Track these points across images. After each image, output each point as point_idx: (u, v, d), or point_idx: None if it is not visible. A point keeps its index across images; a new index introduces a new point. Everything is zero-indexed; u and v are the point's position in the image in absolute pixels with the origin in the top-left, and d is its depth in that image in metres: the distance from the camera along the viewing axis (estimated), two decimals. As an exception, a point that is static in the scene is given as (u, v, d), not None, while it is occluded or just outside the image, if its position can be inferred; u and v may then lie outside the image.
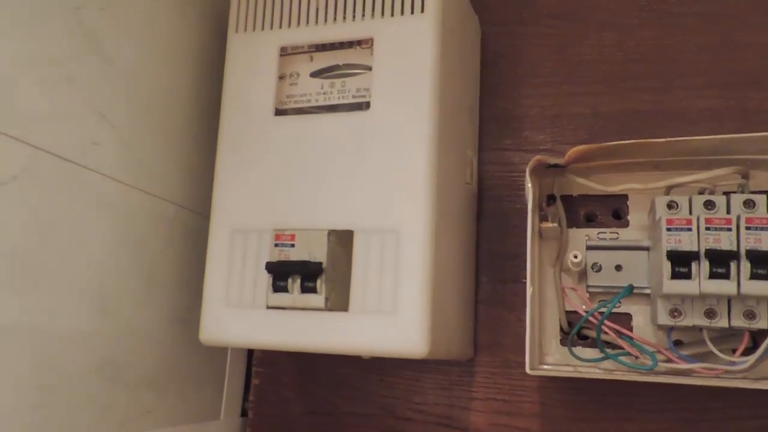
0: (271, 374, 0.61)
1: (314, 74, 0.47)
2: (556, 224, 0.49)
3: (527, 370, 0.45)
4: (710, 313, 0.43)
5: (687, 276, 0.42)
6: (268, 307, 0.44)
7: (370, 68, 0.45)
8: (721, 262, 0.41)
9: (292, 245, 0.43)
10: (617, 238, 0.51)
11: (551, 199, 0.50)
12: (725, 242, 0.41)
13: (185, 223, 0.52)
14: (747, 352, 0.44)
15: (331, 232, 0.43)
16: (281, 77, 0.48)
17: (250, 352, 0.63)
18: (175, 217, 0.51)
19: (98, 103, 0.43)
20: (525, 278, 0.54)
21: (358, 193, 0.44)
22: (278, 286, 0.43)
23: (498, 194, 0.57)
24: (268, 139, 0.46)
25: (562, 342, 0.51)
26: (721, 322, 0.43)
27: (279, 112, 0.47)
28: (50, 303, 0.40)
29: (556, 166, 0.49)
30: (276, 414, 0.60)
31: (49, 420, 0.40)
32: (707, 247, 0.41)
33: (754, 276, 0.41)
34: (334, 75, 0.47)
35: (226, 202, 0.46)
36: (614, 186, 0.49)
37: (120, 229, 0.46)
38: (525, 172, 0.47)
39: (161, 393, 0.50)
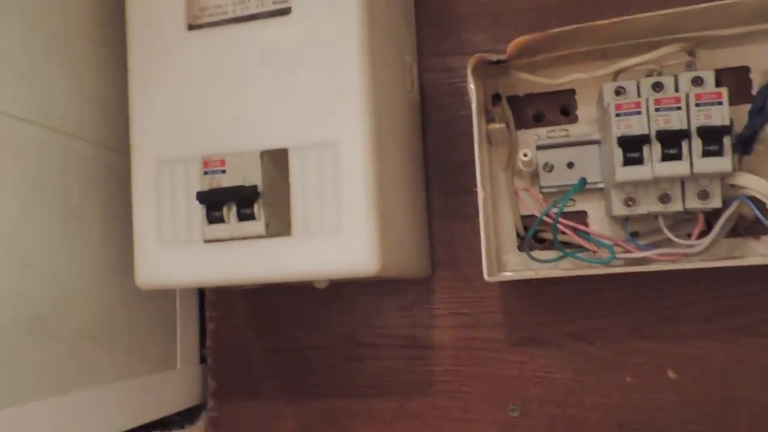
0: (226, 317, 0.59)
1: (228, -17, 0.43)
2: (503, 125, 0.47)
3: (485, 277, 0.43)
4: (664, 198, 0.42)
5: (639, 161, 0.40)
6: (205, 241, 0.41)
7: (288, -30, 0.41)
8: (672, 142, 0.40)
9: (223, 171, 0.40)
10: (567, 134, 0.49)
11: (496, 99, 0.47)
12: (675, 122, 0.40)
13: (107, 162, 0.48)
14: (702, 235, 0.44)
15: (264, 153, 0.40)
16: (191, -11, 0.43)
17: (202, 297, 0.60)
18: (94, 157, 0.47)
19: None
20: (476, 187, 0.53)
21: (289, 107, 0.40)
22: (213, 217, 0.40)
23: (442, 102, 0.54)
24: (183, 58, 0.42)
25: (520, 248, 0.50)
26: (676, 206, 0.42)
27: (192, 27, 0.42)
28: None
29: (498, 62, 0.46)
30: (236, 356, 0.58)
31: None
32: (658, 129, 0.40)
33: (705, 153, 0.39)
34: (249, -19, 0.42)
35: (145, 132, 0.42)
36: (560, 78, 0.46)
37: (32, 174, 0.41)
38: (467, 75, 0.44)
39: (105, 347, 0.47)
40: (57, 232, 0.43)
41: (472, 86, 0.44)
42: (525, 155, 0.45)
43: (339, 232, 0.39)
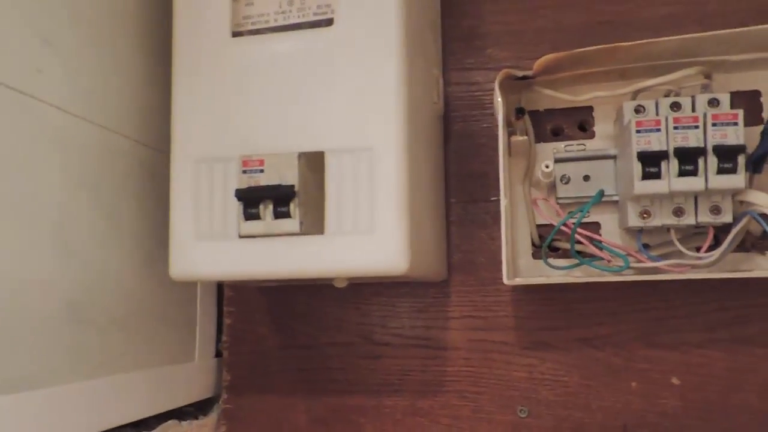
0: (243, 312, 0.60)
1: (270, -8, 0.45)
2: (525, 137, 0.49)
3: (504, 280, 0.45)
4: (678, 212, 0.44)
5: (657, 176, 0.43)
6: (241, 237, 0.42)
7: (329, -18, 0.43)
8: (689, 159, 0.42)
9: (261, 170, 0.42)
10: (584, 149, 0.51)
11: (519, 112, 0.50)
12: (693, 140, 0.42)
13: (142, 158, 0.50)
14: (710, 249, 0.46)
15: (302, 155, 0.42)
16: (235, -3, 0.45)
17: (220, 293, 0.62)
18: (131, 152, 0.48)
19: (40, 28, 0.39)
20: (494, 197, 0.55)
21: (327, 112, 0.42)
22: (250, 214, 0.42)
23: (464, 114, 0.56)
24: (226, 63, 0.44)
25: (534, 255, 0.52)
26: (689, 220, 0.44)
27: (236, 34, 0.44)
28: (7, 245, 0.37)
29: (524, 78, 0.48)
30: (252, 351, 0.60)
31: (17, 365, 0.38)
32: (676, 146, 0.42)
33: (720, 171, 0.42)
34: (291, -9, 0.44)
35: (186, 131, 0.44)
36: (581, 96, 0.49)
37: (76, 165, 0.43)
38: (490, 90, 0.46)
39: (133, 335, 0.49)
40: (96, 222, 0.45)
41: (499, 99, 0.46)
42: (546, 167, 0.48)
43: (371, 233, 0.41)
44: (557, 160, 0.50)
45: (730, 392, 0.50)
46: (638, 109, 0.45)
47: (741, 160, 0.41)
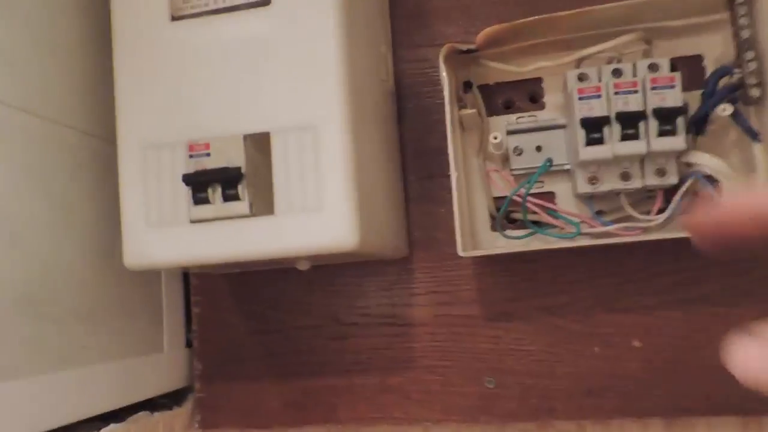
0: (211, 301, 0.60)
1: (209, -24, 0.45)
2: (474, 110, 0.50)
3: (459, 252, 0.46)
4: (625, 176, 0.45)
5: (600, 141, 0.43)
6: (192, 222, 0.43)
7: (267, -38, 0.43)
8: (630, 123, 0.43)
9: (208, 154, 0.42)
10: (535, 120, 0.52)
11: (467, 86, 0.50)
12: (633, 104, 0.43)
13: (92, 149, 0.50)
14: (661, 212, 0.47)
15: (247, 136, 0.42)
16: (174, -19, 0.45)
17: (186, 282, 0.62)
18: (79, 144, 0.48)
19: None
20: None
21: (270, 93, 0.42)
22: (199, 198, 0.42)
23: (416, 91, 0.56)
24: (167, 47, 0.44)
25: (493, 229, 0.53)
26: (636, 183, 0.45)
27: (175, 18, 0.44)
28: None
29: (469, 51, 0.49)
30: (222, 339, 0.60)
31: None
32: (617, 111, 0.43)
33: (661, 133, 0.42)
34: (230, -26, 0.44)
35: (131, 118, 0.44)
36: (528, 67, 0.49)
37: (19, 159, 0.43)
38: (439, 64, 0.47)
39: (93, 327, 0.49)
40: (45, 214, 0.45)
41: (444, 74, 0.46)
42: (495, 138, 0.48)
43: (319, 210, 0.41)
44: (509, 132, 0.51)
45: (689, 351, 0.51)
46: (581, 77, 0.45)
47: (680, 122, 0.42)
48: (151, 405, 0.56)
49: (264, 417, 0.59)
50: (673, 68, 0.44)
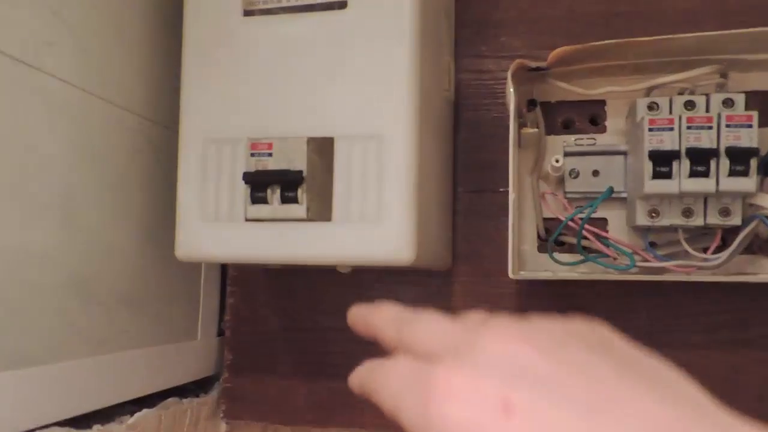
0: (247, 293, 0.60)
1: (284, -28, 0.44)
2: (536, 129, 0.49)
3: (510, 274, 0.45)
4: (687, 212, 0.44)
5: (668, 175, 0.42)
6: (247, 220, 0.42)
7: (344, -36, 0.42)
8: (701, 160, 0.42)
9: (270, 154, 0.42)
10: (594, 143, 0.51)
11: (531, 104, 0.49)
12: (706, 140, 0.42)
13: (149, 135, 0.49)
14: (718, 250, 0.46)
15: (311, 140, 0.41)
16: (248, -25, 0.44)
17: (224, 272, 0.62)
18: (138, 129, 0.48)
19: (49, 0, 0.39)
20: (502, 188, 0.54)
21: (338, 98, 0.41)
22: (257, 197, 0.41)
23: (475, 103, 0.56)
24: (238, 43, 0.43)
25: (539, 249, 0.52)
26: (697, 221, 0.44)
27: (247, 13, 0.43)
28: (12, 217, 0.37)
29: (537, 69, 0.48)
30: (253, 332, 0.60)
31: (19, 340, 0.38)
32: (688, 146, 0.42)
33: (732, 173, 0.41)
34: (305, -28, 0.43)
35: (195, 111, 0.44)
36: (595, 90, 0.48)
37: (83, 140, 0.43)
38: (502, 79, 0.46)
39: (137, 312, 0.49)
40: (102, 197, 0.45)
41: (511, 90, 0.45)
42: (557, 161, 0.47)
43: (378, 221, 0.40)
44: (567, 154, 0.50)
45: (728, 393, 0.50)
46: (651, 107, 0.44)
47: (753, 163, 0.41)
48: (179, 391, 0.57)
49: (288, 414, 0.59)
50: (747, 104, 0.43)
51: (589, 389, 0.20)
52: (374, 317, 0.29)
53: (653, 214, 0.45)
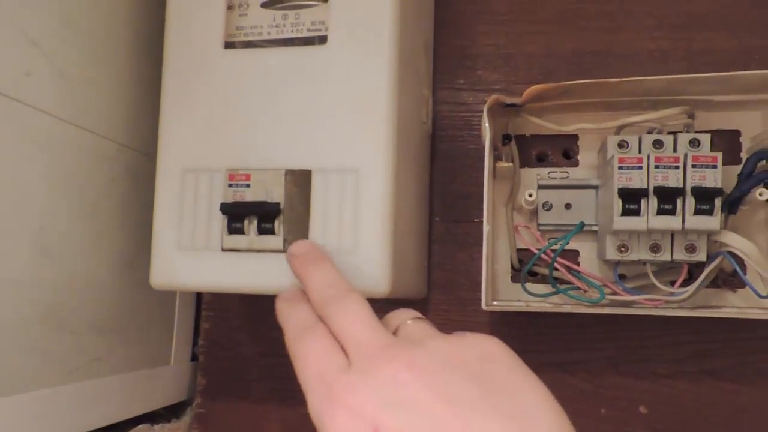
0: (222, 318, 0.60)
1: (265, 5, 0.45)
2: (511, 164, 0.50)
3: (483, 305, 0.46)
4: (655, 248, 0.45)
5: (636, 213, 0.43)
6: (224, 250, 0.42)
7: (325, 0, 0.43)
8: (668, 198, 0.43)
9: (248, 185, 0.42)
10: (567, 177, 0.52)
11: (506, 138, 0.50)
12: (673, 180, 0.43)
13: (127, 163, 0.49)
14: (685, 283, 0.47)
15: (288, 172, 0.42)
16: (230, 7, 0.45)
17: (199, 296, 0.61)
18: (116, 157, 0.48)
19: (29, 29, 0.39)
20: (477, 218, 0.55)
21: (316, 131, 0.42)
22: (234, 228, 0.42)
23: (451, 134, 0.57)
24: (218, 74, 0.44)
25: (513, 279, 0.53)
26: (664, 256, 0.45)
27: (228, 45, 0.44)
28: (-14, 248, 0.37)
29: (512, 105, 0.49)
30: (228, 357, 0.60)
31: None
32: (656, 185, 0.43)
33: (697, 211, 0.43)
34: (286, 6, 0.44)
35: (174, 140, 0.44)
36: (567, 126, 0.50)
37: (58, 169, 0.42)
38: (478, 112, 0.47)
39: (110, 340, 0.49)
40: (77, 226, 0.44)
41: (486, 125, 0.46)
42: (530, 195, 0.48)
43: (354, 254, 0.41)
44: (540, 187, 0.51)
45: (695, 424, 0.51)
46: (621, 144, 0.46)
47: (718, 202, 0.42)
48: (150, 416, 0.56)
49: (262, 439, 0.58)
50: (713, 144, 0.45)
51: (453, 418, 0.24)
52: (311, 274, 0.34)
53: (622, 249, 0.46)
